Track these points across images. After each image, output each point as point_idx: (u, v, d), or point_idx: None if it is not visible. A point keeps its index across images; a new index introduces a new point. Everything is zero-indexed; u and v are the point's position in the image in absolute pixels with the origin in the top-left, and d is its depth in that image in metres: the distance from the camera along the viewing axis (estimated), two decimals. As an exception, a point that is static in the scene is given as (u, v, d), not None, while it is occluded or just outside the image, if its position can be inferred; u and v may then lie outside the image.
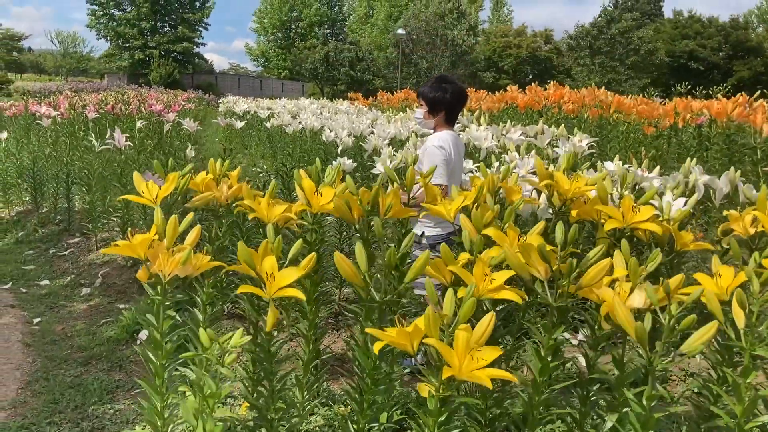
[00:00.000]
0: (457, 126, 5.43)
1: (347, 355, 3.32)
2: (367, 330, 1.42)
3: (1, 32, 61.90)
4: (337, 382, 3.04)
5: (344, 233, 4.33)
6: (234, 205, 2.25)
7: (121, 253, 1.68)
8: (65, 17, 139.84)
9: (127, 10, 46.77)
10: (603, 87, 9.00)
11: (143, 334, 3.64)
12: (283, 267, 1.65)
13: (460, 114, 3.71)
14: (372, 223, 1.81)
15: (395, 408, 2.12)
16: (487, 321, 1.31)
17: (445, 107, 3.17)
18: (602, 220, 1.99)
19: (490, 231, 1.66)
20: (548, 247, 1.49)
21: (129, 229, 1.74)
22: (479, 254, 1.58)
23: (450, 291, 1.34)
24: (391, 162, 4.07)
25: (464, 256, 1.60)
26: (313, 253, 1.76)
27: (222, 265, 1.83)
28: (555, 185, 2.08)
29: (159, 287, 1.71)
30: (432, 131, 3.27)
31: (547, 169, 2.17)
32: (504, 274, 1.51)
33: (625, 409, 1.45)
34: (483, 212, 1.78)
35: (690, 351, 1.29)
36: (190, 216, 1.80)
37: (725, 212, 2.06)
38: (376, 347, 1.34)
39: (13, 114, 9.45)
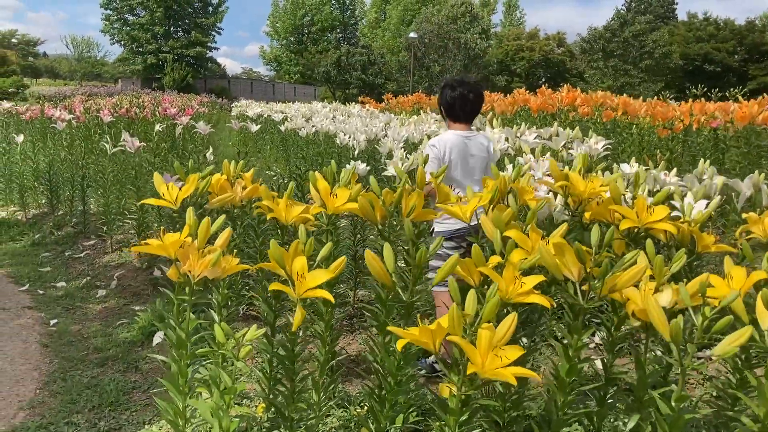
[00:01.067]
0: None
1: (362, 356, 3.32)
2: (389, 328, 1.42)
3: (17, 37, 62.76)
4: (352, 384, 3.04)
5: (358, 236, 4.34)
6: (253, 205, 2.27)
7: (152, 251, 1.70)
8: (80, 22, 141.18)
9: (141, 15, 47.17)
10: (615, 91, 9.00)
11: (159, 336, 3.66)
12: (313, 268, 1.65)
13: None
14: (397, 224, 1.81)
15: (411, 409, 2.11)
16: (510, 321, 1.30)
17: (444, 107, 3.20)
18: (616, 221, 1.98)
19: (512, 233, 1.65)
20: (584, 248, 1.48)
21: (162, 227, 1.76)
22: (509, 257, 1.57)
23: (472, 291, 1.33)
24: (402, 164, 4.08)
25: (494, 259, 1.60)
26: (343, 256, 1.76)
27: (248, 268, 1.84)
28: (570, 186, 2.06)
29: (187, 287, 1.72)
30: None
31: (561, 170, 2.15)
32: (533, 279, 1.51)
33: (648, 410, 1.44)
34: (500, 213, 1.77)
35: (723, 354, 1.27)
36: (221, 218, 1.82)
37: (744, 215, 2.03)
38: (399, 345, 1.34)
39: (30, 118, 9.56)
